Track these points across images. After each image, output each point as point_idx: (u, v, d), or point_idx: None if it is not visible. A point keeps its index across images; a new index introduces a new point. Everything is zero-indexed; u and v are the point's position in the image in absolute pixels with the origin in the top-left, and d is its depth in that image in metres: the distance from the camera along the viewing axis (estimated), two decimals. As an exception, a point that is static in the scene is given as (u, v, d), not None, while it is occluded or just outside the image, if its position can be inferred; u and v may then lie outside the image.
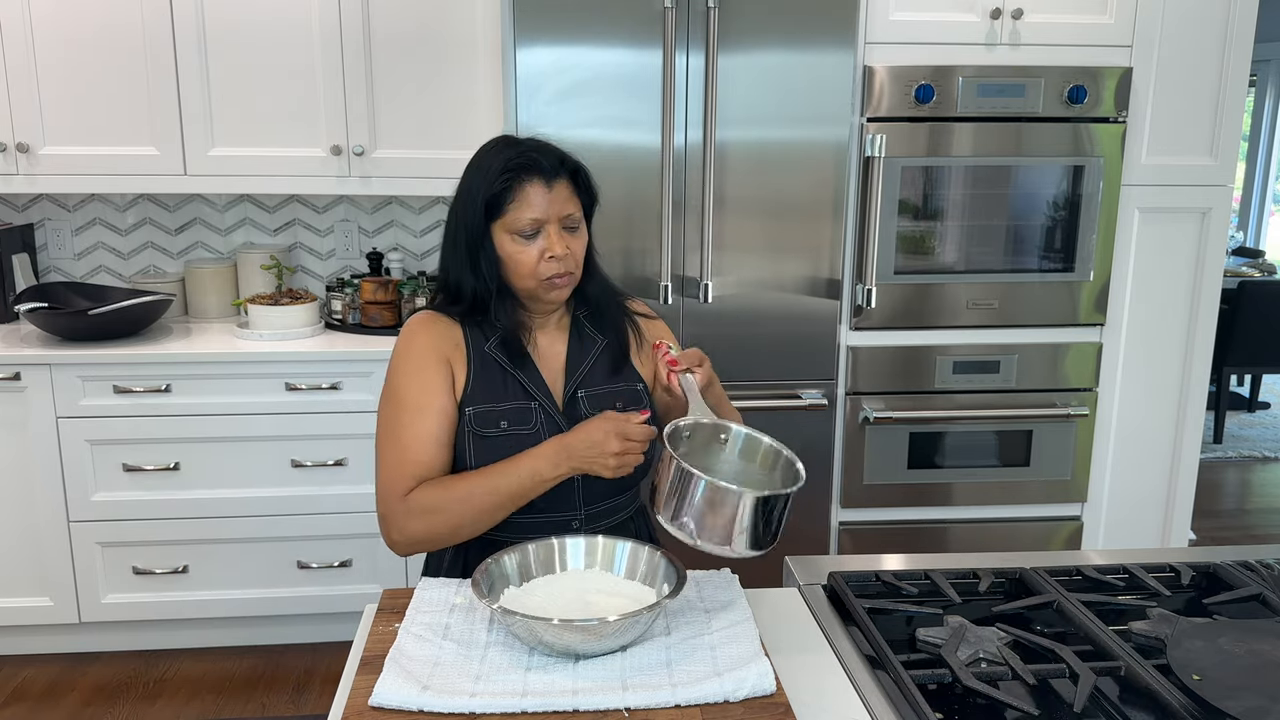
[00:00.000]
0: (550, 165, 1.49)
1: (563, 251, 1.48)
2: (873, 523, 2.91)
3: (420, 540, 1.47)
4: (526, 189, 1.47)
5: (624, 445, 1.38)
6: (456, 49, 2.91)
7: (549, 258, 1.48)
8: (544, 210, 1.47)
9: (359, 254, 3.35)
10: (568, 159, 1.53)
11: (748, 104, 2.62)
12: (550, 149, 1.52)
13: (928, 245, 2.77)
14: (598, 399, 1.55)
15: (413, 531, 1.45)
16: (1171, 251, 2.86)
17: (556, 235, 1.48)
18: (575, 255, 1.52)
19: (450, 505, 1.44)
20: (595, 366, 1.58)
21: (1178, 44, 2.74)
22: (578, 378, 1.57)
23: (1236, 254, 5.75)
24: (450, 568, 1.57)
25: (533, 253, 1.48)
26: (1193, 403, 2.95)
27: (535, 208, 1.47)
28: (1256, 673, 1.17)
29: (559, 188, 1.49)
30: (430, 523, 1.44)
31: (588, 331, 1.61)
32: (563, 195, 1.49)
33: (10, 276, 3.11)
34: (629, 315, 1.65)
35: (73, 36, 2.81)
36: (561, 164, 1.51)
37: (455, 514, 1.44)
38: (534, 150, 1.49)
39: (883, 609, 1.39)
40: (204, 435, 2.81)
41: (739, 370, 2.76)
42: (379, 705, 1.12)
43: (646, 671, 1.18)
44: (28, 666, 2.89)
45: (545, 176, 1.48)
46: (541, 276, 1.49)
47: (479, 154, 1.54)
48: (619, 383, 1.59)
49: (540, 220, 1.48)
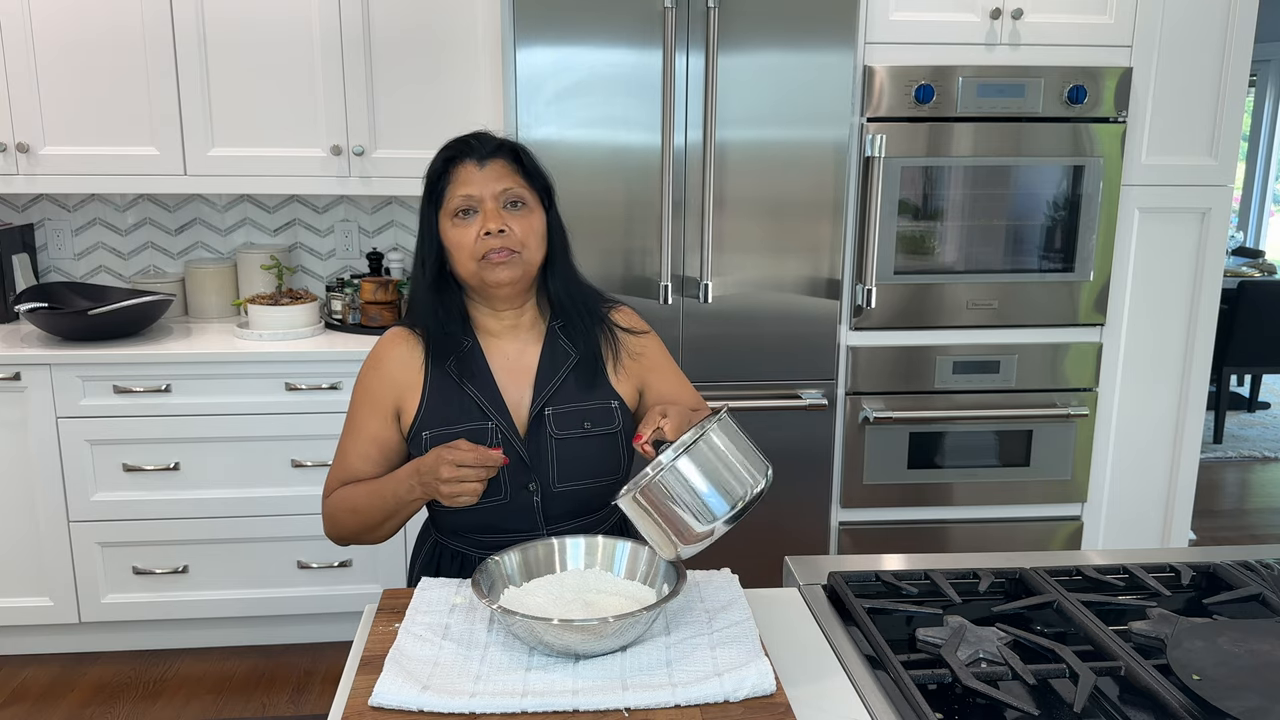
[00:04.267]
0: (484, 146, 1.50)
1: (498, 227, 1.45)
2: (873, 523, 2.91)
3: (337, 537, 1.56)
4: (459, 170, 1.49)
5: (453, 473, 1.35)
6: (456, 49, 2.91)
7: (484, 234, 1.46)
8: (477, 187, 1.47)
9: (359, 254, 3.35)
10: (507, 142, 1.53)
11: (748, 104, 2.62)
12: (487, 136, 1.53)
13: (928, 245, 2.77)
14: (565, 416, 1.52)
15: (330, 528, 1.56)
16: (1171, 251, 2.86)
17: (493, 210, 1.47)
18: (517, 234, 1.47)
19: (345, 515, 1.53)
20: (566, 381, 1.53)
21: (1178, 44, 2.74)
22: (546, 393, 1.52)
23: (1236, 254, 5.75)
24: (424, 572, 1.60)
25: (470, 233, 1.47)
26: (1193, 403, 2.95)
27: (468, 185, 1.47)
28: (1256, 673, 1.17)
29: (493, 165, 1.49)
30: (335, 524, 1.55)
31: (561, 343, 1.56)
32: (498, 172, 1.49)
33: (10, 276, 3.11)
34: (608, 326, 1.59)
35: (73, 37, 2.81)
36: (499, 147, 1.51)
37: (352, 522, 1.53)
38: (472, 138, 1.52)
39: (883, 609, 1.39)
40: (204, 435, 2.81)
41: (739, 370, 2.76)
42: (379, 705, 1.12)
43: (646, 671, 1.18)
44: (28, 666, 2.89)
45: (477, 156, 1.49)
46: (478, 254, 1.46)
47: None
48: (591, 400, 1.53)
49: (473, 197, 1.47)
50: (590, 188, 2.62)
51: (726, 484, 1.23)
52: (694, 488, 1.22)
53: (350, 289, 3.08)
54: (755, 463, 1.27)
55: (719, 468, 1.23)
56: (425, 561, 1.61)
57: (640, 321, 1.65)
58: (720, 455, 1.24)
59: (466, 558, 1.55)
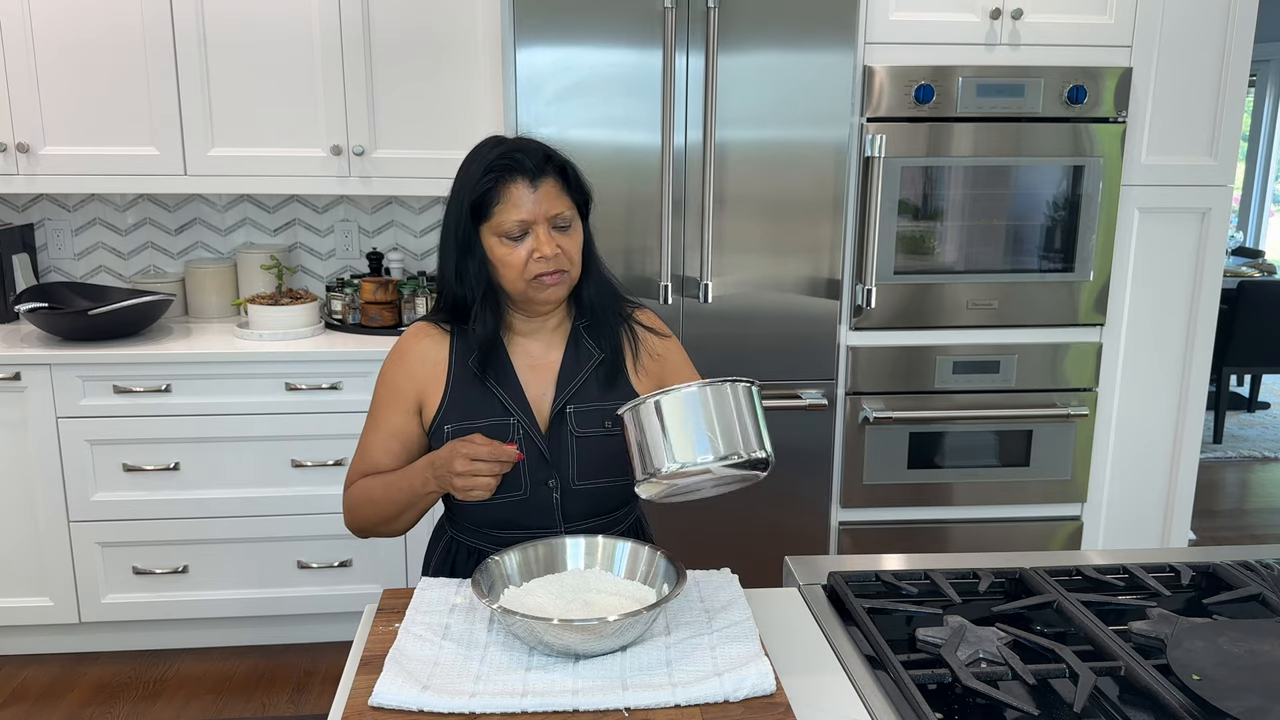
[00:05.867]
0: (534, 164, 1.44)
1: (552, 251, 1.44)
2: (873, 523, 2.91)
3: (357, 528, 1.57)
4: (511, 190, 1.43)
5: (467, 466, 1.36)
6: (456, 49, 2.91)
7: (538, 258, 1.44)
8: (530, 210, 1.43)
9: (359, 254, 3.35)
10: (555, 156, 1.48)
11: (748, 104, 2.62)
12: (535, 147, 1.47)
13: (927, 245, 2.77)
14: (587, 415, 1.52)
15: (349, 520, 1.57)
16: (1171, 251, 2.86)
17: (545, 235, 1.44)
18: (568, 253, 1.47)
19: (363, 506, 1.54)
20: (589, 381, 1.54)
21: (1178, 44, 2.74)
22: (569, 392, 1.52)
23: (1236, 254, 5.76)
24: (439, 569, 1.60)
25: (521, 254, 1.45)
26: (1192, 403, 2.95)
27: (521, 208, 1.43)
28: (1256, 673, 1.17)
29: (545, 186, 1.44)
30: (355, 516, 1.56)
31: (585, 343, 1.56)
32: (550, 194, 1.45)
33: (10, 276, 3.11)
34: (630, 325, 1.60)
35: (73, 37, 2.81)
36: (548, 161, 1.46)
37: (370, 513, 1.53)
38: (518, 150, 1.45)
39: (883, 609, 1.39)
40: (204, 435, 2.81)
41: (739, 370, 2.75)
42: (379, 705, 1.12)
43: (646, 671, 1.18)
44: (28, 666, 2.89)
45: (529, 176, 1.44)
46: (530, 276, 1.45)
47: (467, 157, 1.50)
48: (611, 399, 1.53)
49: (527, 221, 1.44)
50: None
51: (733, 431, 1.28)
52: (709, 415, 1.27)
53: (350, 289, 3.08)
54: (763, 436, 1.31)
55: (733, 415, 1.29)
56: (441, 558, 1.60)
57: (662, 325, 1.65)
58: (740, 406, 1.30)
59: (483, 554, 1.52)
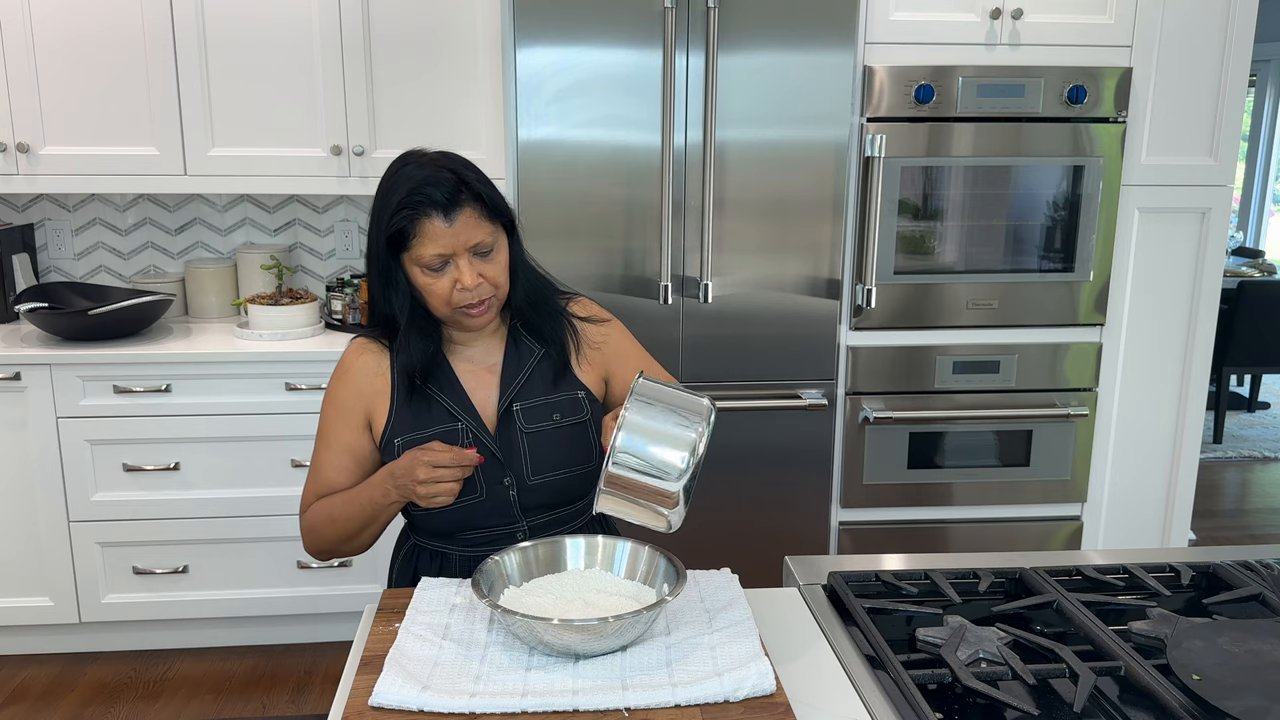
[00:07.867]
0: (446, 196, 1.39)
1: (474, 282, 1.42)
2: (873, 523, 2.91)
3: (317, 550, 1.55)
4: (425, 225, 1.39)
5: (429, 473, 1.36)
6: (456, 49, 2.90)
7: (460, 289, 1.42)
8: (448, 244, 1.40)
9: (359, 254, 3.35)
10: (469, 184, 1.41)
11: (748, 104, 2.62)
12: (446, 178, 1.40)
13: (927, 245, 2.77)
14: (533, 411, 1.52)
15: (309, 543, 1.55)
16: (1171, 251, 2.86)
17: (466, 266, 1.41)
18: (491, 280, 1.44)
19: (324, 526, 1.52)
20: (532, 377, 1.54)
21: (1178, 44, 2.74)
22: (513, 390, 1.52)
23: (1236, 254, 5.75)
24: (400, 577, 1.61)
25: (445, 283, 1.42)
26: (1192, 403, 2.95)
27: (438, 242, 1.39)
28: (1256, 673, 1.17)
29: (461, 217, 1.40)
30: (315, 538, 1.53)
31: (525, 340, 1.55)
32: (468, 223, 1.40)
33: (10, 276, 3.11)
34: (567, 320, 1.58)
35: (73, 37, 2.81)
36: (461, 190, 1.40)
37: (330, 532, 1.51)
38: (428, 184, 1.39)
39: (883, 609, 1.39)
40: (204, 435, 2.81)
41: (739, 370, 2.76)
42: (379, 705, 1.12)
43: (646, 671, 1.18)
44: (28, 666, 2.89)
45: (443, 210, 1.39)
46: (456, 305, 1.44)
47: (383, 176, 1.45)
48: (558, 393, 1.53)
49: (445, 254, 1.40)
50: (590, 188, 2.62)
51: (673, 437, 1.26)
52: (646, 456, 1.25)
53: (350, 289, 3.08)
54: (691, 404, 1.30)
55: (658, 428, 1.26)
56: (403, 563, 1.61)
57: (599, 310, 1.63)
58: (654, 416, 1.27)
59: (446, 558, 1.55)
